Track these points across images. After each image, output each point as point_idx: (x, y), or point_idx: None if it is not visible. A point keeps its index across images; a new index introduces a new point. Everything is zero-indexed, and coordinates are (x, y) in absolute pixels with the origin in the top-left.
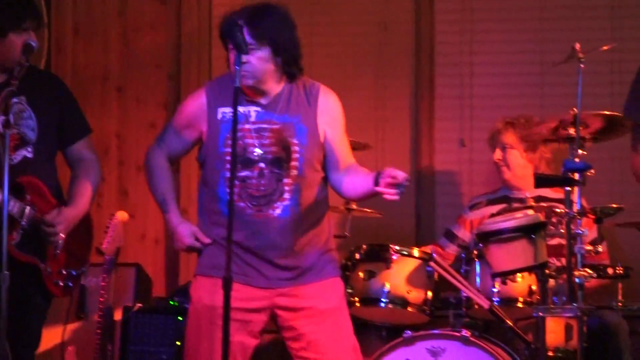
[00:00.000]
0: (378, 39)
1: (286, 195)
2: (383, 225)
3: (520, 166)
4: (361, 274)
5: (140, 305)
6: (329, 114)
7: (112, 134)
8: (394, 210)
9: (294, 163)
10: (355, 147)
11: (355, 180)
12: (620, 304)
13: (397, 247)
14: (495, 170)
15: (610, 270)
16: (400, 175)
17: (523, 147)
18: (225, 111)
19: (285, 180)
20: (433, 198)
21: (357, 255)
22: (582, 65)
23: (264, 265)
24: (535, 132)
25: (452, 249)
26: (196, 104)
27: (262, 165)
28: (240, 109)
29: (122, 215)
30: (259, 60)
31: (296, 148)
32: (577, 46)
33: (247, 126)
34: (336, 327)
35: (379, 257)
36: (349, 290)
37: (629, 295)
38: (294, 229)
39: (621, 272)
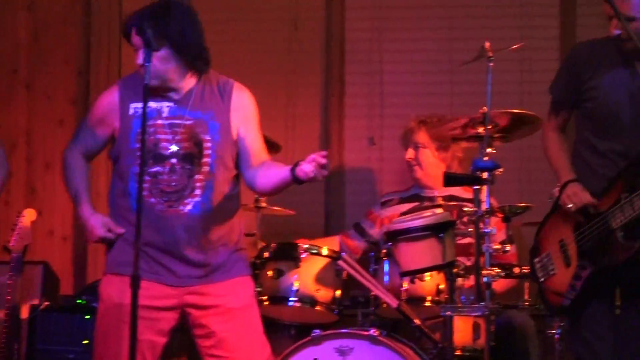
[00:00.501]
0: (288, 36)
1: (197, 192)
2: (292, 224)
3: (432, 165)
4: (270, 273)
5: (47, 303)
6: (243, 111)
7: (20, 130)
8: (303, 209)
9: (205, 159)
10: (267, 143)
11: (270, 172)
12: (526, 303)
13: (306, 246)
14: (407, 168)
15: (517, 270)
16: (321, 157)
17: (435, 146)
18: (137, 107)
19: (197, 177)
20: (342, 196)
21: (266, 254)
22: (491, 64)
23: (174, 262)
24: (446, 131)
25: (360, 243)
26: (109, 100)
27: (173, 160)
28: (153, 104)
29: (30, 213)
30: (160, 61)
31: (208, 144)
32: (487, 45)
33: (159, 122)
34: (246, 325)
35: (287, 255)
36: (258, 289)
37: (535, 295)
38: (204, 226)
39: (528, 271)
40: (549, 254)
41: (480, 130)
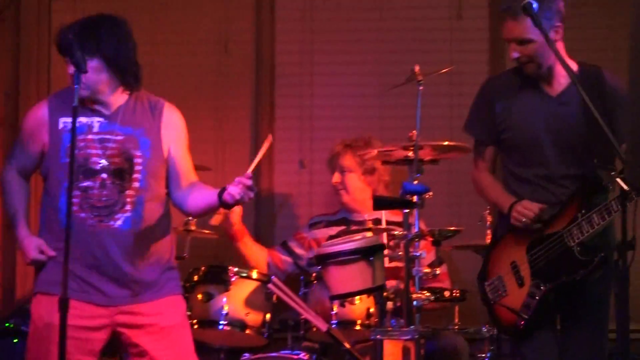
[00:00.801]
0: (219, 59)
1: (128, 207)
2: (222, 247)
3: (358, 189)
4: (200, 296)
5: None
6: (173, 130)
7: None
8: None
9: (136, 175)
10: (196, 168)
11: (198, 195)
12: (456, 326)
13: (236, 269)
14: (334, 192)
15: (447, 293)
16: (251, 181)
17: (361, 170)
18: (66, 121)
19: (127, 192)
20: (273, 219)
21: (196, 277)
22: (421, 88)
23: (104, 281)
24: (372, 154)
25: (287, 258)
26: (38, 115)
27: (104, 175)
28: (83, 119)
29: None
30: (92, 71)
31: (139, 160)
32: (417, 68)
33: (90, 136)
34: (178, 344)
35: (217, 278)
36: (188, 313)
37: (465, 317)
38: (135, 242)
39: (458, 294)
40: (500, 276)
41: (410, 153)
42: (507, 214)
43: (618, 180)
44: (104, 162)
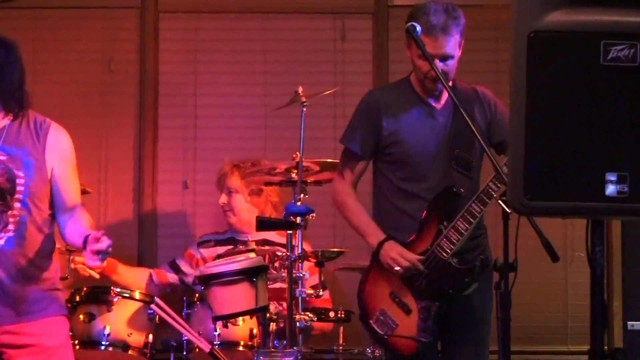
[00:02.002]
0: (103, 78)
1: (10, 227)
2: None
3: (244, 210)
4: (81, 317)
5: None
6: (58, 151)
7: None
8: (116, 252)
9: (18, 195)
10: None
11: (74, 230)
12: (341, 347)
13: (118, 289)
14: (222, 213)
15: (332, 314)
16: (105, 242)
17: (247, 191)
18: None
19: (10, 212)
20: (155, 240)
21: (78, 297)
22: (304, 109)
23: None
24: (258, 176)
25: (173, 276)
26: None
27: None
28: None
29: None
30: None
31: (22, 181)
32: (300, 90)
33: None
34: None
35: (99, 299)
36: (70, 333)
37: (350, 339)
38: (17, 262)
39: (343, 315)
40: (382, 310)
41: (293, 175)
42: (375, 249)
43: (500, 202)
44: None
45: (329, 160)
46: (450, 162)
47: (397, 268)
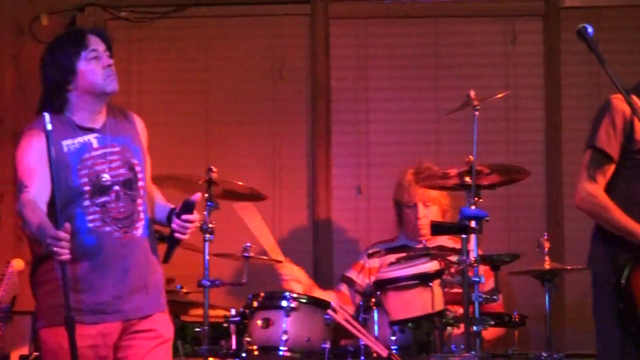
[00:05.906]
0: (274, 86)
1: (142, 215)
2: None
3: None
4: (259, 322)
5: (36, 354)
6: (144, 136)
7: (8, 180)
8: (292, 258)
9: (140, 183)
10: (253, 195)
11: (158, 207)
12: (516, 351)
13: (296, 295)
14: (405, 223)
15: (506, 318)
16: (196, 215)
17: (446, 203)
18: (68, 143)
19: (138, 201)
20: (330, 245)
21: (255, 303)
22: (477, 113)
23: (118, 296)
24: (431, 180)
25: (353, 295)
26: (39, 143)
27: (117, 188)
28: (80, 139)
29: (18, 263)
30: None
31: (139, 168)
32: (472, 93)
33: (93, 153)
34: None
35: (277, 304)
36: (247, 339)
37: (524, 342)
38: (152, 248)
39: (517, 319)
40: None
41: (467, 179)
42: None
43: None
44: (106, 176)
45: (500, 163)
46: None
47: None
